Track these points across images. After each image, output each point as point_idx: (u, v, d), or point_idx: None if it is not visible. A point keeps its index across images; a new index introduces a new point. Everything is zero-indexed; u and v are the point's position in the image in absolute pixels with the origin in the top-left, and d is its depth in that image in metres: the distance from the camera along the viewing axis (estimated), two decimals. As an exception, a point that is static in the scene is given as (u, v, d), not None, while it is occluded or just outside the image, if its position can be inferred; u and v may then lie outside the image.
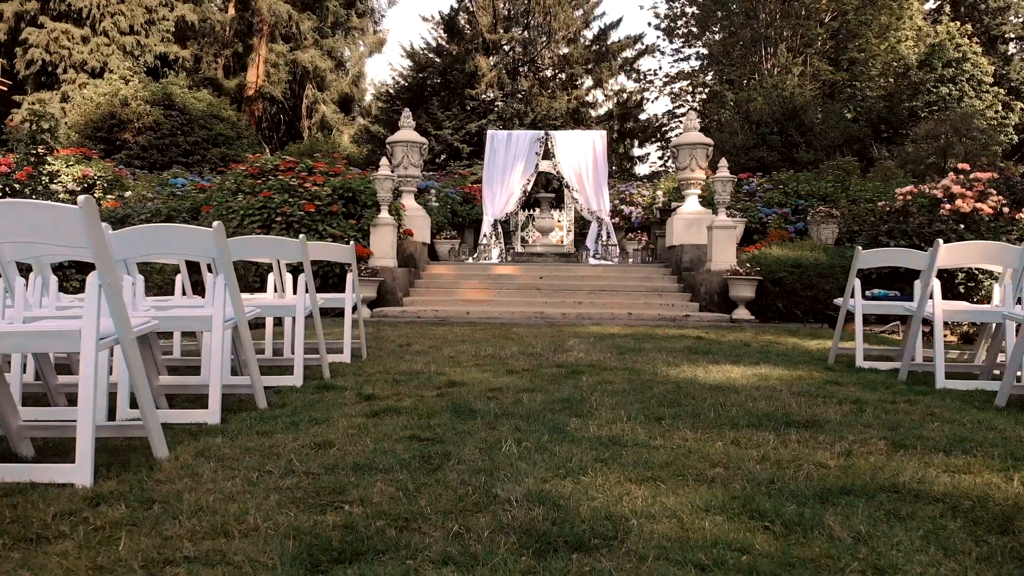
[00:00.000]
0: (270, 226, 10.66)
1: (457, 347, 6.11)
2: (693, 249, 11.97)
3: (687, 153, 12.52)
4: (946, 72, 28.00)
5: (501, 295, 11.50)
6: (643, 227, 16.96)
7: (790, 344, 6.64)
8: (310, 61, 37.50)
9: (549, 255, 15.64)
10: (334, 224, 10.81)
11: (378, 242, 11.01)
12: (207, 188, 12.02)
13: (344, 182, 11.22)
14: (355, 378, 4.66)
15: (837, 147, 25.15)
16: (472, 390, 4.20)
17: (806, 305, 10.64)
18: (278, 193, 10.85)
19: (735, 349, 6.17)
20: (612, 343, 6.48)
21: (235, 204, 10.89)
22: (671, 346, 6.22)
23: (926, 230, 10.20)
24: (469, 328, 8.19)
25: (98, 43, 27.14)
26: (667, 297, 11.31)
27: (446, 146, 26.52)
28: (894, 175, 17.24)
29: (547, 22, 27.61)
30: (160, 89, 22.29)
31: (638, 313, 10.41)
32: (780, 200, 15.78)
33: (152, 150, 21.54)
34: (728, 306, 10.71)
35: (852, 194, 15.67)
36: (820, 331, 8.14)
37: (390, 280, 10.89)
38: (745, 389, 4.30)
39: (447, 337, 6.93)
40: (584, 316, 10.30)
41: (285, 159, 11.70)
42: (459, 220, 17.04)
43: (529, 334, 7.50)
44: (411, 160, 12.89)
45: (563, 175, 15.30)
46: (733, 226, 11.01)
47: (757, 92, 27.47)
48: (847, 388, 4.42)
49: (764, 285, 10.51)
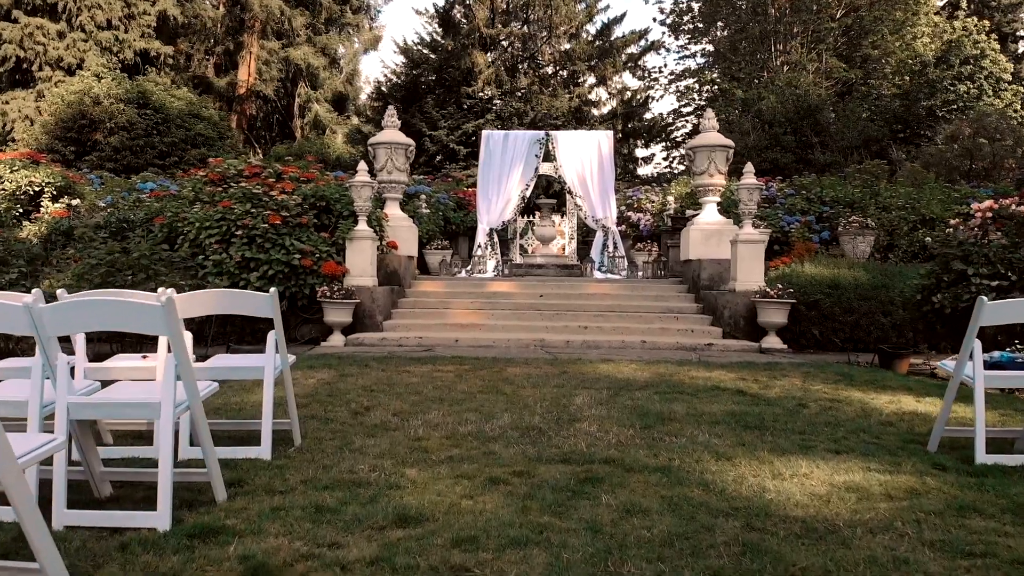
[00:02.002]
0: (230, 240, 9.28)
1: (432, 412, 4.71)
2: (712, 265, 10.59)
3: (705, 156, 11.14)
4: (964, 70, 26.68)
5: (496, 318, 10.12)
6: (652, 236, 15.57)
7: (856, 403, 5.26)
8: (303, 58, 36.09)
9: (550, 267, 14.25)
10: (304, 238, 9.43)
11: (355, 258, 9.63)
12: (165, 196, 10.65)
13: (317, 189, 9.84)
14: (259, 504, 3.15)
15: (855, 148, 23.78)
16: (430, 543, 2.71)
17: (846, 332, 9.26)
18: (239, 203, 9.48)
19: (792, 416, 4.76)
20: (631, 401, 5.09)
21: (191, 215, 9.51)
22: (709, 409, 4.83)
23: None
24: (455, 368, 6.81)
25: (74, 38, 25.74)
26: (685, 321, 9.93)
27: (441, 147, 25.13)
28: (925, 179, 15.85)
29: (548, 16, 26.18)
30: (135, 87, 20.92)
31: (653, 341, 9.02)
32: (803, 207, 14.41)
33: (125, 152, 20.18)
34: (755, 332, 9.33)
35: (883, 200, 14.29)
36: (881, 376, 6.71)
37: (368, 302, 9.51)
38: (848, 524, 2.88)
39: (424, 390, 5.53)
40: (591, 344, 8.92)
41: (250, 163, 10.33)
42: (452, 228, 15.66)
43: (527, 379, 6.13)
44: (396, 163, 11.52)
45: (566, 179, 13.93)
46: (761, 240, 9.62)
47: (769, 90, 26.11)
48: (1001, 524, 2.98)
49: (797, 309, 9.13)
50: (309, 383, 5.77)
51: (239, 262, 9.15)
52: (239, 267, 9.17)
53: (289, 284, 9.25)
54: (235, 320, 9.32)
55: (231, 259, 9.15)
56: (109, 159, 20.10)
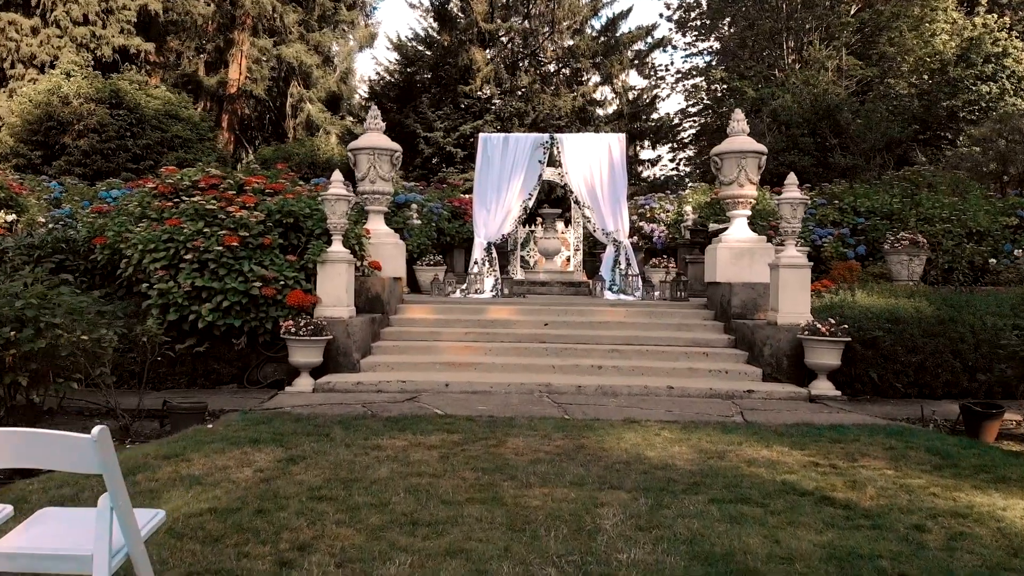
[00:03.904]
0: (178, 266, 7.82)
1: (397, 559, 3.21)
2: (745, 290, 9.14)
3: (734, 163, 9.69)
4: (985, 68, 25.26)
5: (494, 353, 8.66)
6: (667, 250, 14.11)
7: (987, 519, 3.78)
8: (295, 56, 34.58)
9: (554, 284, 12.80)
10: (266, 262, 7.97)
11: (327, 284, 8.17)
12: (109, 211, 9.19)
13: (284, 203, 8.37)
14: None
15: (877, 151, 22.31)
16: None
17: (909, 375, 7.81)
18: (190, 220, 8.01)
19: (916, 555, 3.30)
20: (683, 523, 3.59)
21: (133, 235, 8.05)
22: (796, 544, 3.31)
23: None
24: (440, 439, 5.35)
25: (48, 34, 24.26)
26: (716, 358, 8.47)
27: (437, 149, 23.67)
28: (968, 187, 14.38)
29: (550, 10, 24.65)
30: (107, 85, 19.43)
31: (681, 386, 7.55)
32: (835, 218, 12.97)
33: (96, 155, 18.71)
34: (801, 373, 7.88)
35: (924, 211, 12.83)
36: (988, 457, 5.23)
37: (342, 337, 8.04)
38: None
39: (393, 498, 3.97)
40: (607, 391, 7.46)
41: (208, 173, 8.86)
42: (446, 240, 14.20)
43: (533, 464, 4.68)
44: (380, 171, 10.06)
45: (572, 188, 12.46)
46: (807, 265, 8.15)
47: (783, 89, 24.65)
48: None
49: (852, 347, 7.67)
50: (240, 478, 4.31)
51: (188, 292, 7.70)
52: (188, 298, 7.72)
53: (248, 317, 7.79)
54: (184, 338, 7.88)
55: (179, 288, 7.69)
56: (78, 164, 18.64)
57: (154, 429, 6.60)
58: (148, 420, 6.75)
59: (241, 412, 6.36)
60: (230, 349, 7.96)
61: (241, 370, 8.05)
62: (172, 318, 7.70)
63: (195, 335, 7.83)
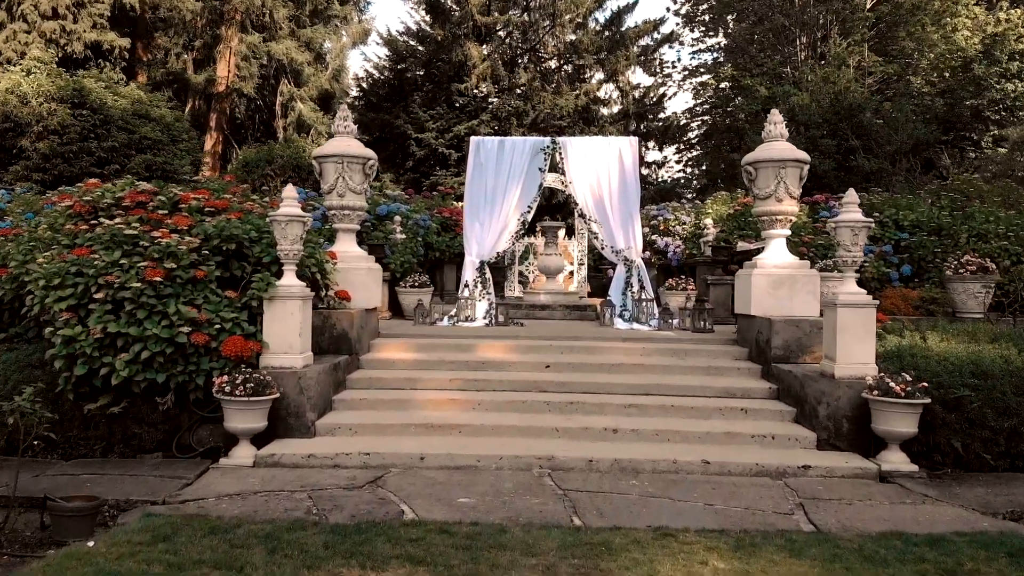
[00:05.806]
0: (88, 308, 6.25)
1: None
2: (788, 328, 7.57)
3: (771, 174, 8.12)
4: (1011, 66, 23.75)
5: (484, 408, 7.09)
6: (685, 268, 12.54)
7: None
8: (285, 53, 32.94)
9: (557, 308, 11.26)
10: (199, 300, 6.39)
11: (275, 327, 6.60)
12: (14, 235, 7.61)
13: (223, 225, 6.79)
14: None
15: (904, 154, 20.73)
16: None
17: (1000, 444, 6.24)
18: (105, 249, 6.45)
19: None
20: None
21: (35, 267, 6.48)
22: None
23: None
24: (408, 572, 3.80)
25: (15, 29, 22.71)
26: (758, 416, 6.89)
27: (429, 151, 22.09)
28: (1021, 197, 12.83)
29: (551, 2, 23.05)
30: (70, 84, 17.84)
31: (720, 460, 5.98)
32: (875, 232, 11.41)
33: (56, 159, 17.12)
34: (864, 439, 6.30)
35: (978, 227, 11.28)
36: None
37: (294, 393, 6.47)
38: None
39: None
40: (626, 468, 5.90)
41: (135, 187, 7.29)
42: (435, 255, 12.64)
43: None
44: (351, 183, 8.50)
45: (577, 200, 10.91)
46: (871, 304, 6.56)
47: (798, 87, 23.08)
48: None
49: (930, 409, 6.11)
50: None
51: (100, 339, 6.13)
52: (100, 347, 6.15)
53: (174, 371, 6.23)
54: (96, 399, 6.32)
55: (87, 335, 6.12)
56: (37, 168, 17.07)
57: (35, 530, 5.05)
58: (32, 511, 5.20)
59: (143, 515, 4.79)
60: (154, 409, 6.39)
61: (169, 434, 6.49)
62: (80, 372, 6.14)
63: (110, 392, 6.27)
